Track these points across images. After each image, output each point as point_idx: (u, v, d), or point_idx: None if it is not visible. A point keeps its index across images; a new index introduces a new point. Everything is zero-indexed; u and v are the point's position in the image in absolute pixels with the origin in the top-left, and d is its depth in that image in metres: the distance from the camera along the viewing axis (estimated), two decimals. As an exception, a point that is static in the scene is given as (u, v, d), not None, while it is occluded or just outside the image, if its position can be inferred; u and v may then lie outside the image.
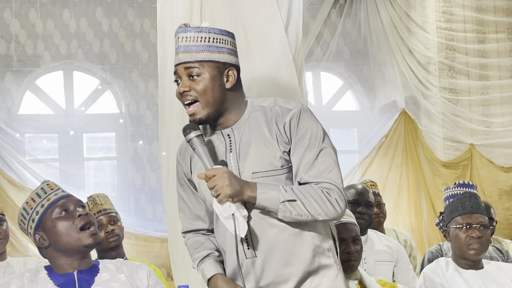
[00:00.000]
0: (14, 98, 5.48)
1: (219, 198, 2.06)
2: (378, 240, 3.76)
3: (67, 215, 2.27)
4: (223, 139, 2.24)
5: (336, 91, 6.54)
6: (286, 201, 2.09)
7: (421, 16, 6.34)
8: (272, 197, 2.09)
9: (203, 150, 2.13)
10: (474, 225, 2.96)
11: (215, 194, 2.07)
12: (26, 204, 2.32)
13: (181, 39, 2.20)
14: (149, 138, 5.75)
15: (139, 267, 2.35)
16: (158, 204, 5.66)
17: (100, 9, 5.71)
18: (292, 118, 2.19)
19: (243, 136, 2.22)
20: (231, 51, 2.24)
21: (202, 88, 2.18)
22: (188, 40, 2.19)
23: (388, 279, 3.61)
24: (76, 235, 2.25)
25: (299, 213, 2.10)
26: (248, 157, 2.19)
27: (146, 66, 5.78)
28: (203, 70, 2.18)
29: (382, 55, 6.36)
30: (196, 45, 2.18)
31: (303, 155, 2.16)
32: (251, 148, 2.20)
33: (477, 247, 2.95)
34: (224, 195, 2.05)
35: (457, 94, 6.33)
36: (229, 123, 2.25)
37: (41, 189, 2.33)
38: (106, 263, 2.35)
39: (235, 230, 2.07)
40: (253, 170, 2.17)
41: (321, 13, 6.22)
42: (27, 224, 2.31)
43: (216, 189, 2.06)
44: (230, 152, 2.21)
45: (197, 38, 2.18)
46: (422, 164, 6.20)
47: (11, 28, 5.47)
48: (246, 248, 2.18)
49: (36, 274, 2.28)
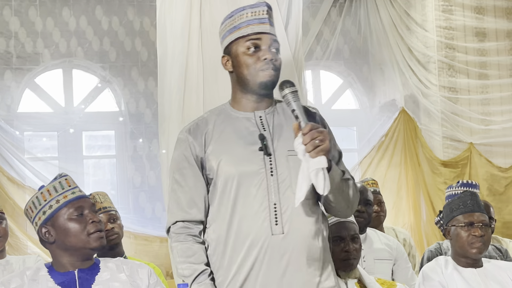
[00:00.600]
0: (13, 96, 5.47)
1: (321, 147, 2.06)
2: (377, 238, 3.76)
3: (80, 218, 2.27)
4: (253, 121, 2.28)
5: (335, 90, 6.54)
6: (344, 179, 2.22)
7: (421, 15, 6.34)
8: (338, 171, 2.20)
9: (298, 105, 2.14)
10: (476, 224, 2.96)
11: (318, 143, 2.06)
12: (41, 194, 2.29)
13: (268, 13, 2.27)
14: (148, 137, 5.75)
15: (139, 266, 2.35)
16: (158, 203, 5.66)
17: (99, 7, 5.70)
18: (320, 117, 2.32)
19: (275, 120, 2.29)
20: None
21: (280, 64, 2.28)
22: (270, 16, 2.28)
23: (388, 278, 3.62)
24: (85, 238, 2.25)
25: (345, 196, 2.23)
26: (282, 137, 2.25)
27: (146, 64, 5.77)
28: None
29: (382, 53, 6.36)
30: (272, 23, 2.29)
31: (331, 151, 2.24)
32: (283, 130, 2.27)
33: (479, 245, 2.95)
34: (326, 147, 2.07)
35: (456, 92, 6.33)
36: (264, 106, 2.30)
37: (58, 183, 2.31)
38: (107, 262, 2.35)
39: (324, 185, 2.07)
40: (288, 148, 2.21)
41: (321, 11, 6.22)
42: (35, 214, 2.30)
43: (321, 139, 2.06)
44: (264, 131, 2.26)
45: (272, 17, 2.30)
46: (422, 162, 6.19)
47: (11, 26, 5.47)
48: (274, 223, 2.17)
49: (36, 272, 2.28)
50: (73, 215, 2.26)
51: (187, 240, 2.25)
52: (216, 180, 2.24)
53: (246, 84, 2.27)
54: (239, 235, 2.19)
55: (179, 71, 3.44)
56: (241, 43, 2.25)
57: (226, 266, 2.21)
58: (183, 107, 3.42)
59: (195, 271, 2.20)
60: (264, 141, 2.20)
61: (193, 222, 2.27)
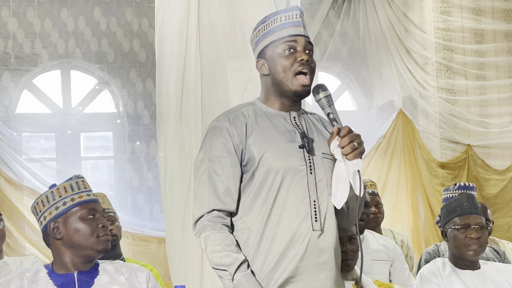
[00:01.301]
0: (11, 97, 5.47)
1: (359, 150, 2.16)
2: (374, 239, 3.77)
3: (92, 220, 2.32)
4: (289, 120, 2.32)
5: (334, 91, 6.54)
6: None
7: (419, 16, 6.35)
8: None
9: (333, 109, 2.24)
10: (472, 226, 2.96)
11: (357, 146, 2.15)
12: (56, 190, 2.32)
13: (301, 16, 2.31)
14: (146, 138, 5.75)
15: (138, 269, 2.36)
16: (156, 204, 5.66)
17: (98, 8, 5.70)
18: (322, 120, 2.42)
19: (307, 122, 2.34)
20: None
21: (314, 66, 2.32)
22: (303, 19, 2.32)
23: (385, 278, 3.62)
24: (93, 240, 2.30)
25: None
26: (316, 139, 2.30)
27: (144, 65, 5.77)
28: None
29: (380, 55, 6.36)
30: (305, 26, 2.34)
31: None
32: (315, 133, 2.32)
33: (475, 247, 2.95)
34: (363, 149, 2.17)
35: (454, 94, 6.33)
36: (297, 108, 2.35)
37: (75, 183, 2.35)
38: (106, 265, 2.36)
39: (360, 186, 2.16)
40: (322, 151, 2.27)
41: (319, 13, 6.22)
42: (46, 209, 2.32)
43: (359, 142, 2.16)
44: (300, 131, 2.29)
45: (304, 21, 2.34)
46: (419, 164, 6.20)
47: (9, 27, 5.46)
48: (314, 220, 2.20)
49: (36, 273, 2.28)
50: (86, 216, 2.31)
51: (224, 229, 2.19)
52: (255, 171, 2.22)
53: (281, 88, 2.30)
54: (279, 228, 2.18)
55: (176, 72, 3.45)
56: (277, 46, 2.29)
57: (263, 258, 2.18)
58: (180, 109, 3.42)
59: (236, 260, 2.13)
60: (306, 139, 2.25)
61: (226, 213, 2.23)
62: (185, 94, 3.44)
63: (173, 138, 3.47)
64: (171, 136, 3.48)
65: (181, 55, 3.46)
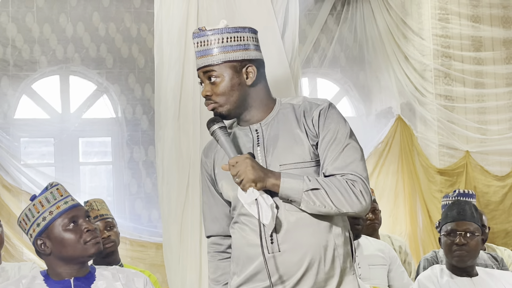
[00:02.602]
0: (10, 102, 5.47)
1: (243, 183, 2.06)
2: (370, 244, 3.77)
3: (75, 228, 2.26)
4: (250, 135, 2.24)
5: (332, 97, 6.55)
6: (309, 190, 2.07)
7: (417, 23, 6.36)
8: (295, 186, 2.08)
9: (226, 140, 2.15)
10: (458, 232, 2.98)
11: (238, 180, 2.06)
12: (33, 207, 2.28)
13: (197, 44, 2.22)
14: (145, 143, 5.75)
15: (135, 275, 2.35)
16: (154, 210, 5.66)
17: (97, 13, 5.71)
18: (321, 112, 2.21)
19: (272, 131, 2.23)
20: (250, 46, 2.24)
21: (222, 90, 2.20)
22: (203, 45, 2.22)
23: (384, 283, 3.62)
24: (81, 247, 2.25)
25: (322, 203, 2.08)
26: (276, 150, 2.19)
27: (143, 71, 5.78)
28: (220, 72, 2.20)
29: (378, 61, 6.38)
30: (211, 48, 2.20)
31: (329, 148, 2.16)
32: (279, 141, 2.20)
33: (459, 253, 2.96)
34: (247, 180, 2.05)
35: (452, 101, 6.34)
36: (256, 119, 2.26)
37: (50, 193, 2.29)
38: (103, 270, 2.34)
39: (259, 216, 2.05)
40: (280, 163, 2.16)
41: (318, 19, 6.23)
42: (29, 226, 2.28)
43: (239, 174, 2.06)
44: (258, 146, 2.22)
45: (211, 41, 2.20)
46: (417, 170, 6.20)
47: (8, 32, 5.47)
48: (270, 242, 2.14)
49: (32, 280, 2.27)
50: (67, 225, 2.25)
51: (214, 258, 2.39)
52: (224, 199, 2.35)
53: None
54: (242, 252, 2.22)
55: (175, 78, 3.45)
56: None
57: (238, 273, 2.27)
58: (179, 115, 3.42)
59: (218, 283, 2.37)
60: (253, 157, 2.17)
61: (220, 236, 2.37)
62: (183, 100, 3.44)
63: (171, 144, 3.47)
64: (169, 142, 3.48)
65: (179, 61, 3.46)
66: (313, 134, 2.20)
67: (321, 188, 2.08)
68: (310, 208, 2.10)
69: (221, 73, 2.20)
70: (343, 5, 6.38)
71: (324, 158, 2.16)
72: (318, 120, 2.20)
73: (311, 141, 2.19)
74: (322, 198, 2.08)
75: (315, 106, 2.23)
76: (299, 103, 2.27)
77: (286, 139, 2.20)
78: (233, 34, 2.22)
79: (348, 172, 2.12)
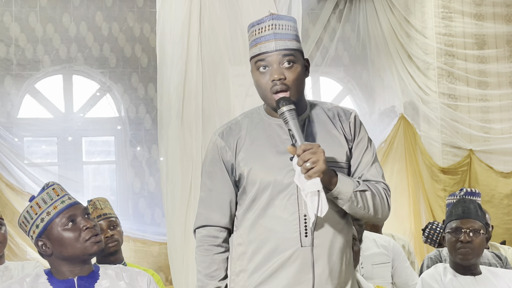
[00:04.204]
0: (13, 102, 5.48)
1: (313, 171, 2.00)
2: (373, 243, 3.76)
3: (74, 227, 2.24)
4: (285, 128, 2.18)
5: (335, 96, 6.55)
6: (358, 191, 2.12)
7: (420, 21, 6.35)
8: (349, 185, 2.11)
9: (295, 124, 2.09)
10: (463, 230, 2.97)
11: (309, 166, 2.00)
12: (31, 209, 2.26)
13: (272, 26, 2.19)
14: (148, 142, 5.76)
15: (139, 274, 2.33)
16: (157, 208, 5.66)
17: (100, 13, 5.72)
18: (356, 119, 2.30)
19: (308, 127, 2.23)
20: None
21: (296, 76, 2.18)
22: (280, 28, 2.19)
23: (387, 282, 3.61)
24: (81, 246, 2.23)
25: (364, 205, 2.14)
26: None
27: (146, 70, 5.78)
28: (297, 58, 2.20)
29: (381, 60, 6.37)
30: (289, 33, 2.20)
31: (364, 154, 2.24)
32: (317, 139, 2.20)
33: (464, 251, 2.95)
34: (319, 169, 2.00)
35: (456, 99, 6.33)
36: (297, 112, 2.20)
37: (47, 194, 2.28)
38: (106, 269, 2.33)
39: (318, 207, 2.01)
40: None
41: (321, 18, 6.23)
42: (29, 228, 2.27)
43: (313, 161, 2.00)
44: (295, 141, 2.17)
45: (288, 26, 2.21)
46: (421, 169, 6.20)
47: (11, 32, 5.48)
48: (304, 235, 2.13)
49: (36, 279, 2.26)
50: (66, 225, 2.23)
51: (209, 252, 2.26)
52: (246, 186, 2.22)
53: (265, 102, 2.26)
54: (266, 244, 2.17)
55: (178, 78, 3.45)
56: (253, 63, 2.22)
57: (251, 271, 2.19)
58: (182, 114, 3.42)
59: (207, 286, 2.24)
60: None
61: (217, 228, 2.26)
62: (186, 99, 3.44)
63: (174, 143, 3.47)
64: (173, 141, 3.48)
65: (182, 60, 3.45)
66: (348, 138, 2.25)
67: (368, 190, 2.15)
68: (352, 208, 2.14)
69: (298, 60, 2.20)
70: (346, 4, 6.38)
71: (359, 163, 2.24)
72: (354, 126, 2.27)
73: (346, 144, 2.24)
74: (366, 200, 2.15)
75: (348, 113, 2.29)
76: (328, 106, 2.32)
77: (324, 137, 2.21)
78: (296, 25, 2.26)
79: (382, 181, 2.24)
